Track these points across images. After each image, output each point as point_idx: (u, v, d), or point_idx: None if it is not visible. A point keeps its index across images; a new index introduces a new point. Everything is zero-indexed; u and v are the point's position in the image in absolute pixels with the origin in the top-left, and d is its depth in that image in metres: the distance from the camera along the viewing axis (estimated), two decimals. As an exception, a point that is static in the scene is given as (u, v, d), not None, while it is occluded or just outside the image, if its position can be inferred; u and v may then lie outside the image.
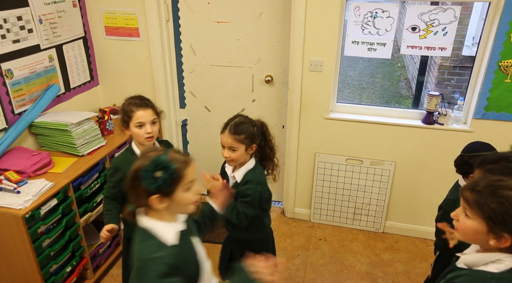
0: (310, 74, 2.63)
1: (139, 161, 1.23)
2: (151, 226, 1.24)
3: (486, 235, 1.13)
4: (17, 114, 2.29)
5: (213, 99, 3.01)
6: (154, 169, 1.18)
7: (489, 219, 1.12)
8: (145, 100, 1.89)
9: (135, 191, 1.22)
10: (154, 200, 1.20)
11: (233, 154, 1.78)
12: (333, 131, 2.76)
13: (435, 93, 2.55)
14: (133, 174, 1.21)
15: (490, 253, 1.15)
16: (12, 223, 1.87)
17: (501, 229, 1.11)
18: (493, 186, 1.15)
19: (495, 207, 1.11)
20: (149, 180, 1.18)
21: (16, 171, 2.09)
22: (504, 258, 1.13)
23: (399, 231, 2.95)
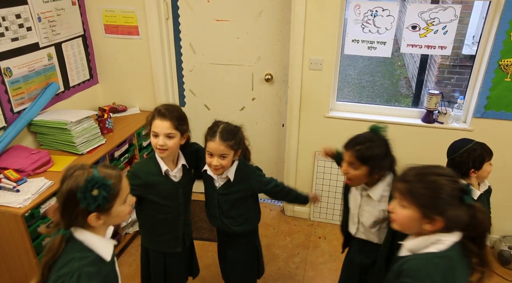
0: (310, 72, 2.62)
1: (68, 181, 1.18)
2: (88, 240, 1.22)
3: (421, 221, 1.20)
4: (16, 112, 2.28)
5: (213, 98, 3.00)
6: (91, 188, 1.16)
7: (421, 205, 1.19)
8: (169, 110, 1.73)
9: (71, 213, 1.18)
10: (92, 218, 1.19)
11: (224, 161, 1.71)
12: (333, 129, 2.76)
13: (435, 92, 2.54)
14: (66, 195, 1.17)
15: (430, 236, 1.21)
16: (12, 221, 1.86)
17: (433, 213, 1.18)
18: (421, 173, 1.23)
19: (425, 193, 1.19)
20: (88, 200, 1.16)
21: (15, 169, 2.09)
22: (443, 238, 1.19)
23: (399, 229, 2.94)
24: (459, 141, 1.90)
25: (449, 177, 1.21)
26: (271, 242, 2.84)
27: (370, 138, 1.60)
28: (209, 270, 2.55)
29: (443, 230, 1.20)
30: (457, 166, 1.87)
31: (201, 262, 2.34)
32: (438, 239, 1.20)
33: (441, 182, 1.19)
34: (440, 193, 1.18)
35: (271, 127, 2.99)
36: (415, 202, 1.21)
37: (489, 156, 1.84)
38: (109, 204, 1.21)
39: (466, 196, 1.17)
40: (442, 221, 1.18)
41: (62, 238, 1.20)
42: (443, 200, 1.18)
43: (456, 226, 1.20)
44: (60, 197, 1.19)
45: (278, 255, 2.72)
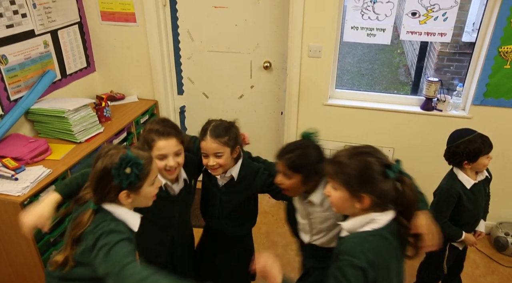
0: (309, 60, 2.61)
1: (103, 159, 1.26)
2: (117, 211, 1.29)
3: (351, 201, 1.24)
4: (13, 101, 2.27)
5: (211, 86, 2.98)
6: (125, 166, 1.23)
7: (347, 184, 1.23)
8: (168, 128, 1.59)
9: (104, 189, 1.26)
10: (122, 195, 1.27)
11: (220, 159, 1.62)
12: (331, 117, 2.75)
13: (434, 80, 2.53)
14: (100, 172, 1.25)
15: (364, 215, 1.25)
16: (11, 209, 1.87)
17: (358, 190, 1.21)
18: (345, 155, 1.27)
19: (349, 172, 1.23)
20: (121, 177, 1.23)
21: (13, 158, 2.08)
22: (378, 217, 1.23)
23: (397, 217, 2.97)
24: (460, 131, 1.90)
25: (371, 154, 1.25)
26: (270, 229, 2.86)
27: (300, 145, 1.53)
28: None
29: (376, 209, 1.24)
30: (451, 156, 1.88)
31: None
32: (373, 218, 1.24)
33: (364, 159, 1.23)
34: (362, 170, 1.21)
35: (270, 115, 2.98)
36: (342, 182, 1.25)
37: (487, 150, 1.84)
38: (139, 183, 1.28)
39: (389, 171, 1.20)
40: (369, 198, 1.21)
41: (92, 212, 1.28)
42: (366, 177, 1.21)
43: (384, 202, 1.23)
44: (94, 174, 1.26)
45: (277, 242, 2.74)
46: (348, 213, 1.30)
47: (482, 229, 2.04)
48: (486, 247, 2.71)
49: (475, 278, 2.46)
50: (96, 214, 1.29)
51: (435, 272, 2.13)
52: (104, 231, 1.22)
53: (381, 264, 1.19)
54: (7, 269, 2.09)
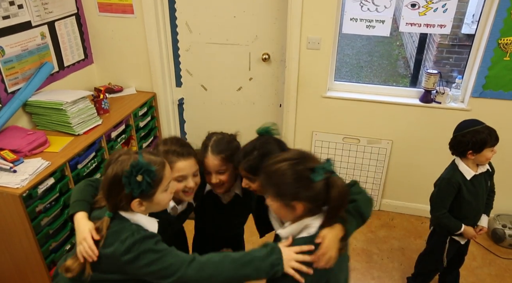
0: (308, 52, 2.60)
1: (114, 166, 1.20)
2: (133, 218, 1.25)
3: (286, 209, 1.22)
4: (11, 93, 2.25)
5: (210, 78, 2.97)
6: (136, 174, 1.18)
7: (276, 194, 1.22)
8: (186, 148, 1.51)
9: (115, 197, 1.21)
10: (135, 203, 1.22)
11: (223, 176, 1.52)
12: (330, 110, 2.75)
13: (433, 72, 2.53)
14: (111, 180, 1.20)
15: (299, 222, 1.23)
16: (10, 202, 1.87)
17: (288, 199, 1.20)
18: (265, 166, 1.25)
19: (274, 182, 1.21)
20: (133, 185, 1.18)
21: (11, 150, 2.08)
22: (311, 222, 1.22)
23: (395, 208, 2.98)
24: (468, 121, 1.89)
25: (291, 160, 1.21)
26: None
27: (257, 145, 1.43)
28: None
29: (308, 214, 1.22)
30: (456, 145, 1.88)
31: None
32: (307, 224, 1.23)
33: (283, 168, 1.20)
34: (285, 179, 1.19)
35: (268, 108, 2.97)
36: (272, 194, 1.24)
37: (493, 142, 1.83)
38: (152, 190, 1.22)
39: (313, 174, 1.17)
40: (301, 205, 1.20)
41: (109, 220, 1.24)
42: (291, 185, 1.18)
43: (317, 205, 1.21)
44: (105, 182, 1.22)
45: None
46: (290, 220, 1.28)
47: (484, 224, 2.03)
48: (484, 239, 2.73)
49: (472, 270, 2.48)
50: (112, 221, 1.25)
51: (434, 265, 2.14)
52: (137, 240, 1.19)
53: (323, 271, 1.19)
54: (7, 260, 2.09)
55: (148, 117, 2.91)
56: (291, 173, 1.18)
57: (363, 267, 2.49)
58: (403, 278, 2.39)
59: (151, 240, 1.21)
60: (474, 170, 1.90)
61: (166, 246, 1.22)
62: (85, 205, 1.36)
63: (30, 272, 2.09)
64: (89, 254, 1.22)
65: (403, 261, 2.54)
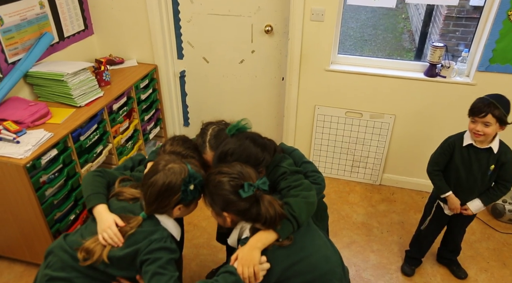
0: (311, 24, 2.54)
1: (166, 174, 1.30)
2: (164, 221, 1.37)
3: (218, 217, 1.37)
4: (11, 63, 2.23)
5: (212, 50, 2.93)
6: (190, 182, 1.31)
7: (210, 202, 1.35)
8: (190, 149, 1.58)
9: (163, 202, 1.32)
10: (176, 208, 1.35)
11: None
12: (333, 83, 2.72)
13: (439, 45, 2.48)
14: (165, 187, 1.30)
15: (237, 227, 1.37)
16: (14, 172, 1.88)
17: (218, 209, 1.33)
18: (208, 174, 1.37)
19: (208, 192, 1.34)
20: (187, 192, 1.31)
21: (14, 121, 2.07)
22: (245, 224, 1.35)
23: (396, 183, 3.00)
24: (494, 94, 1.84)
25: (229, 174, 1.30)
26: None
27: (228, 151, 1.43)
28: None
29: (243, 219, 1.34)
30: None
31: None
32: (242, 226, 1.35)
33: (220, 180, 1.30)
34: (218, 190, 1.30)
35: (270, 81, 2.94)
36: (208, 201, 1.37)
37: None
38: (197, 199, 1.39)
39: (241, 191, 1.26)
40: (230, 215, 1.32)
41: (141, 220, 1.35)
42: (222, 197, 1.30)
43: (247, 219, 1.32)
44: (154, 187, 1.31)
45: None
46: (229, 226, 1.39)
47: (472, 207, 2.01)
48: (484, 213, 2.76)
49: (471, 243, 2.51)
50: (144, 220, 1.35)
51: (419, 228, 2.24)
52: (162, 247, 1.30)
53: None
54: (14, 229, 2.13)
55: (150, 89, 2.89)
56: (225, 186, 1.29)
57: (363, 240, 2.53)
58: (402, 251, 2.43)
59: (170, 255, 1.31)
60: (479, 144, 1.90)
61: (172, 269, 1.30)
62: (103, 198, 1.44)
63: (37, 241, 2.13)
64: (115, 240, 1.31)
65: (403, 234, 2.58)
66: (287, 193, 1.42)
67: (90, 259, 1.31)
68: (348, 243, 2.50)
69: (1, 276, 2.25)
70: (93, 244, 1.32)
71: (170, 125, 3.23)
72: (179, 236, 1.44)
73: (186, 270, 2.28)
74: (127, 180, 1.55)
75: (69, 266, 1.34)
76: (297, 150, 1.69)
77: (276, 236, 1.30)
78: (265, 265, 1.28)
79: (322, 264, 1.37)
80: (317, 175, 1.58)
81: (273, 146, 1.55)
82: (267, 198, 1.30)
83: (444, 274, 2.30)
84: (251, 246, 1.28)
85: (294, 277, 1.31)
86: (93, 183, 1.47)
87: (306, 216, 1.37)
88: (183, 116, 3.29)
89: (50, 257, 1.40)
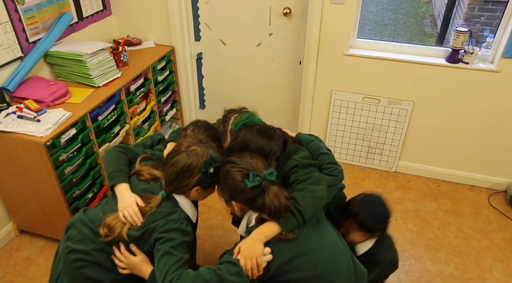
0: (331, 6, 2.49)
1: (189, 155, 1.34)
2: (182, 202, 1.40)
3: (228, 206, 1.41)
4: (32, 43, 2.26)
5: (229, 32, 2.91)
6: (210, 165, 1.35)
7: (220, 192, 1.40)
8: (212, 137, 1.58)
9: (182, 182, 1.35)
10: (194, 190, 1.37)
11: None
12: (351, 68, 2.68)
13: (463, 30, 2.41)
14: (185, 167, 1.34)
15: (245, 216, 1.39)
16: (35, 150, 1.93)
17: (227, 198, 1.36)
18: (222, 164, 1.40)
19: (220, 181, 1.38)
20: (207, 175, 1.35)
21: (34, 100, 2.11)
22: (252, 214, 1.37)
23: (412, 170, 2.97)
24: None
25: (237, 164, 1.32)
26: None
27: (238, 147, 1.42)
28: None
29: (250, 208, 1.36)
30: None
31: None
32: (249, 215, 1.38)
33: (228, 170, 1.33)
34: (226, 180, 1.33)
35: (287, 65, 2.91)
36: (219, 190, 1.41)
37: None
38: (216, 181, 1.41)
39: (247, 180, 1.28)
40: (237, 204, 1.34)
41: (162, 200, 1.39)
42: (229, 186, 1.33)
43: (254, 208, 1.33)
44: (175, 167, 1.35)
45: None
46: (239, 215, 1.42)
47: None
48: (501, 204, 2.71)
49: (487, 233, 2.49)
50: (163, 200, 1.39)
51: None
52: (177, 228, 1.34)
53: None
54: (35, 205, 2.20)
55: (167, 71, 2.90)
56: (232, 176, 1.31)
57: (376, 225, 2.52)
58: (415, 239, 2.43)
59: (184, 237, 1.34)
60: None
61: (183, 251, 1.33)
62: (126, 177, 1.47)
63: (57, 218, 2.19)
64: (134, 219, 1.35)
65: (417, 222, 2.56)
66: (295, 187, 1.41)
67: (111, 235, 1.35)
68: (361, 229, 2.50)
69: (24, 249, 2.33)
70: (114, 221, 1.36)
71: (186, 107, 3.24)
72: (195, 218, 1.46)
73: (200, 251, 2.32)
74: (148, 158, 1.56)
75: (88, 238, 1.39)
76: (314, 141, 1.61)
77: (280, 229, 1.30)
78: (267, 256, 1.28)
79: (326, 263, 1.34)
80: (333, 166, 1.51)
81: (283, 137, 1.50)
82: (273, 189, 1.30)
83: (458, 263, 2.29)
84: (254, 238, 1.29)
85: (293, 271, 1.30)
86: (116, 159, 1.50)
87: (313, 210, 1.34)
88: (199, 99, 3.30)
89: (71, 230, 1.45)
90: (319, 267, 1.32)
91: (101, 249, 1.38)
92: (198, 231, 2.41)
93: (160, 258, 1.29)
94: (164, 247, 1.30)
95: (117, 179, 1.44)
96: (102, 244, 1.37)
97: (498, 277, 2.21)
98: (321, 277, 1.32)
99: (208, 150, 1.38)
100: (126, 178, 1.46)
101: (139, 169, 1.48)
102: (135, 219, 1.35)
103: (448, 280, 2.19)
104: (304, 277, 1.31)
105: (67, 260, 1.40)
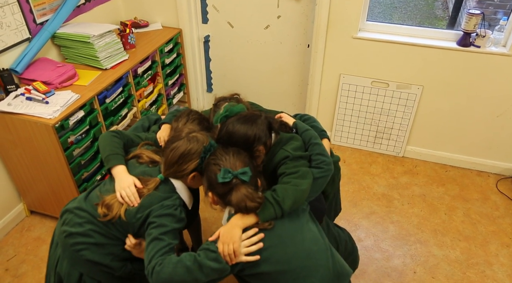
0: (341, -12, 2.44)
1: (190, 140, 1.37)
2: (178, 187, 1.42)
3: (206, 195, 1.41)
4: (39, 24, 2.25)
5: (237, 15, 2.87)
6: (209, 151, 1.36)
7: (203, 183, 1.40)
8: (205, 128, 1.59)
9: (181, 166, 1.37)
10: (191, 175, 1.40)
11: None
12: (360, 51, 2.64)
13: (476, 12, 2.35)
14: (185, 152, 1.36)
15: (226, 208, 1.39)
16: (44, 132, 1.94)
17: (206, 189, 1.37)
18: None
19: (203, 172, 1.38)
20: (204, 160, 1.36)
21: (43, 81, 2.12)
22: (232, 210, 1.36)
23: (419, 155, 2.95)
24: None
25: (216, 158, 1.34)
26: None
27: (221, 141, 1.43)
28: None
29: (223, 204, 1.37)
30: None
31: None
32: (229, 211, 1.38)
33: (208, 162, 1.35)
34: (206, 172, 1.35)
35: (296, 48, 2.88)
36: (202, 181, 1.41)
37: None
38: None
39: (218, 175, 1.29)
40: (213, 196, 1.35)
41: (159, 183, 1.40)
42: (207, 177, 1.35)
43: (226, 203, 1.34)
44: (176, 151, 1.37)
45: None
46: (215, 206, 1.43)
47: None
48: (510, 189, 2.70)
49: (494, 219, 2.48)
50: (161, 183, 1.40)
51: None
52: (171, 213, 1.35)
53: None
54: (44, 186, 2.23)
55: (174, 54, 2.88)
56: (210, 168, 1.33)
57: (382, 211, 2.53)
58: (422, 224, 2.43)
59: (176, 224, 1.35)
60: None
61: (172, 238, 1.34)
62: (122, 159, 1.48)
63: (66, 199, 2.22)
64: (131, 199, 1.37)
65: (424, 207, 2.56)
66: (280, 180, 1.41)
67: (109, 214, 1.36)
68: (368, 213, 2.51)
69: (34, 229, 2.38)
70: (112, 200, 1.37)
71: (194, 90, 3.23)
72: (191, 205, 1.47)
73: (207, 233, 2.34)
74: (149, 145, 1.58)
75: (86, 221, 1.40)
76: (310, 130, 1.58)
77: (257, 219, 1.31)
78: (255, 257, 1.28)
79: (300, 258, 1.31)
80: (321, 158, 1.48)
81: (267, 121, 1.47)
82: (243, 190, 1.28)
83: (464, 248, 2.30)
84: (232, 224, 1.30)
85: (264, 263, 1.28)
86: (111, 143, 1.50)
87: (292, 203, 1.33)
88: (206, 82, 3.29)
89: (66, 214, 1.45)
90: (292, 261, 1.30)
91: (100, 231, 1.39)
92: (205, 214, 2.44)
93: (149, 243, 1.31)
94: (155, 232, 1.31)
95: (114, 161, 1.45)
96: (100, 224, 1.38)
97: (504, 262, 2.22)
98: (293, 272, 1.30)
99: (208, 137, 1.40)
100: (122, 160, 1.47)
101: (140, 151, 1.50)
102: (132, 200, 1.36)
103: (453, 265, 2.20)
104: (276, 271, 1.29)
105: (66, 244, 1.41)
